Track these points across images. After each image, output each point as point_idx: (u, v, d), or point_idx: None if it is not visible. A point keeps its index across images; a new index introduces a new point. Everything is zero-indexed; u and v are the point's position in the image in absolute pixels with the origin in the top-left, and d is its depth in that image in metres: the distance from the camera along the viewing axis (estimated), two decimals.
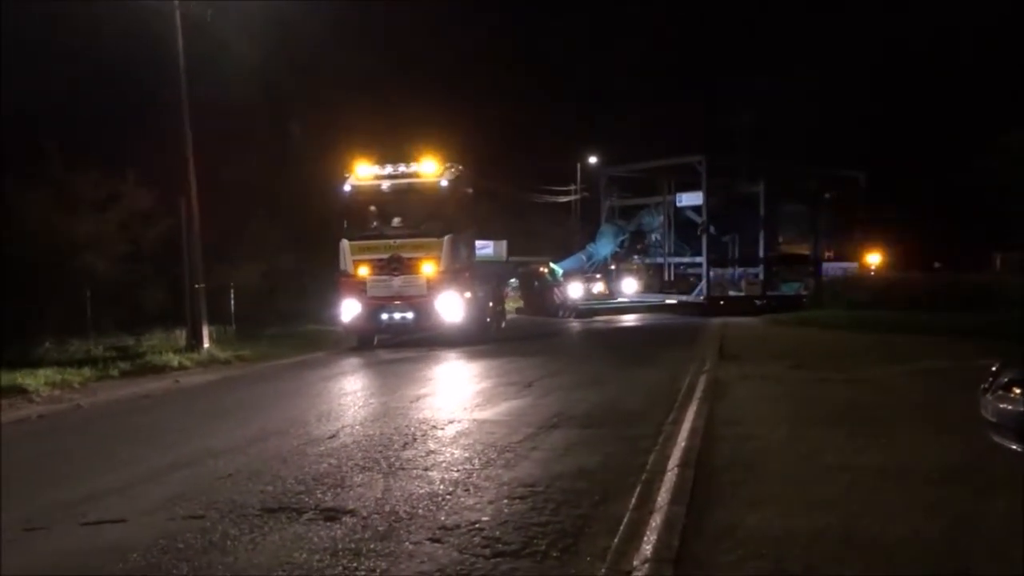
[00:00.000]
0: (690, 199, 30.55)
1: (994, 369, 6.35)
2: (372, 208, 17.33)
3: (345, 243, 17.10)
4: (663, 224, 32.49)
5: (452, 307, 16.81)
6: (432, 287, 16.67)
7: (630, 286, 32.28)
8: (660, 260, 33.03)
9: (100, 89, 18.74)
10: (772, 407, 8.87)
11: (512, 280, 27.09)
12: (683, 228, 32.05)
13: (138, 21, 15.98)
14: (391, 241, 16.86)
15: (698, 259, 29.93)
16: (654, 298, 30.50)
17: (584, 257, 31.77)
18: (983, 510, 5.14)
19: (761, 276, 29.89)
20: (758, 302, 27.89)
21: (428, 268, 16.69)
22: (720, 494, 5.53)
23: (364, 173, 17.25)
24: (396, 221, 17.23)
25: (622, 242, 32.27)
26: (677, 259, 32.49)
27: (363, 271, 16.87)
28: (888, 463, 6.32)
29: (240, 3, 16.56)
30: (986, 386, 6.42)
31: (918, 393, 9.79)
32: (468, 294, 17.48)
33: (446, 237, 16.80)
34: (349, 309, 17.02)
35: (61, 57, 18.09)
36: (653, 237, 32.97)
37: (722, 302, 27.71)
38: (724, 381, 10.81)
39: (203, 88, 16.41)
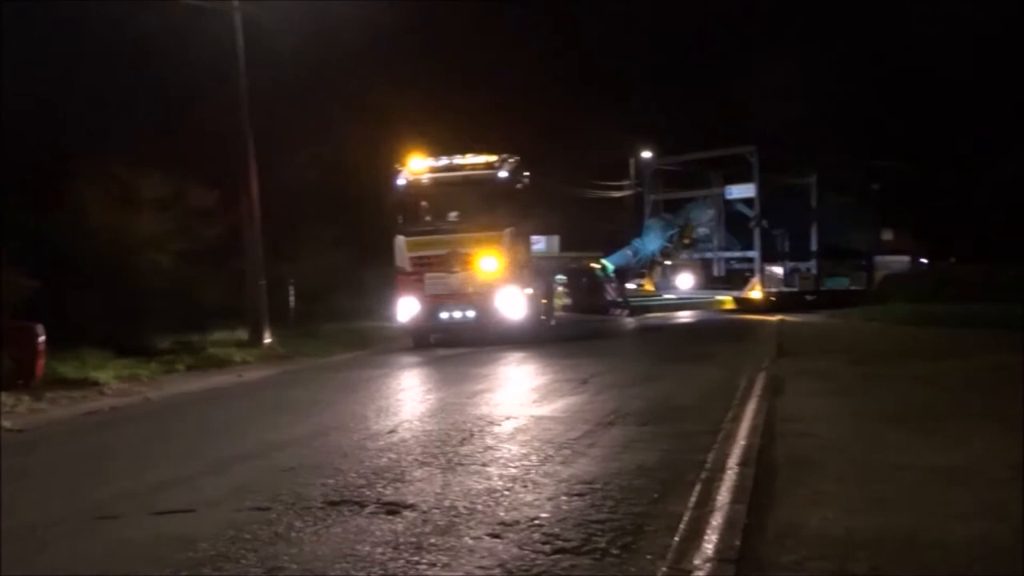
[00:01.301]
0: (741, 191, 29.80)
1: None
2: (427, 203, 16.94)
3: (400, 239, 16.64)
4: (713, 218, 31.79)
5: (513, 304, 16.36)
6: (493, 283, 16.16)
7: (685, 281, 31.42)
8: (709, 255, 32.31)
9: (161, 89, 19.26)
10: (832, 404, 8.73)
11: (559, 276, 25.92)
12: (731, 221, 31.36)
13: (197, 21, 16.37)
14: (449, 236, 16.41)
15: (750, 253, 29.28)
16: (703, 294, 29.75)
17: (630, 253, 31.01)
18: None
19: (813, 271, 29.24)
20: (808, 298, 27.24)
21: (488, 264, 16.21)
22: (781, 493, 5.47)
23: (418, 167, 16.81)
24: (453, 215, 16.82)
25: (671, 237, 31.51)
26: (727, 254, 31.76)
27: (420, 268, 16.39)
28: (954, 462, 6.17)
29: (295, 3, 16.89)
30: None
31: (984, 389, 9.51)
32: (529, 290, 17.09)
33: (507, 231, 16.36)
34: (406, 308, 16.57)
35: (122, 58, 18.60)
36: (701, 231, 32.27)
37: (773, 298, 26.99)
38: (782, 377, 10.66)
39: (259, 87, 16.75)
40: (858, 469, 6.04)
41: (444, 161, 16.87)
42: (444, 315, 16.37)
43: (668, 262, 31.93)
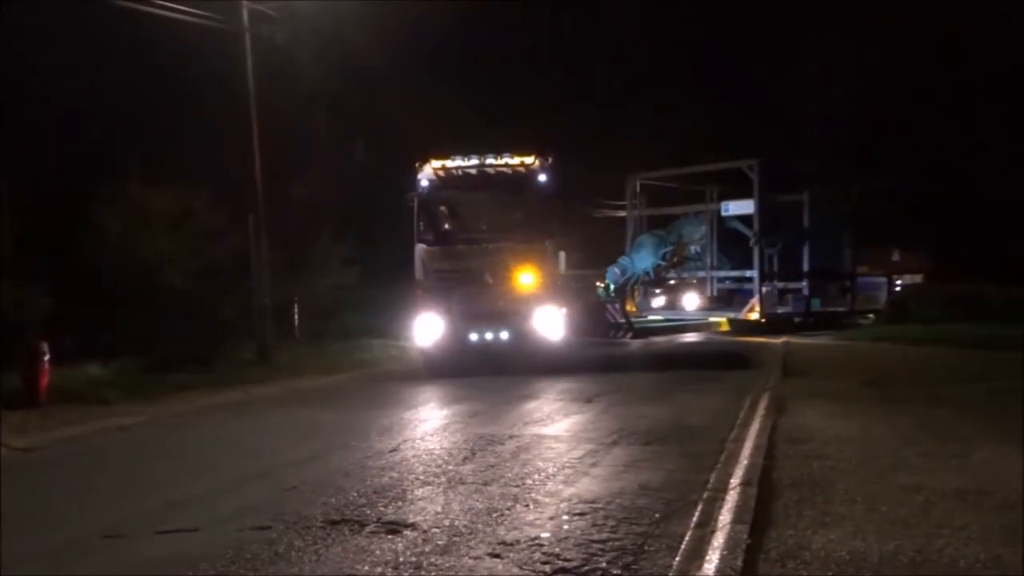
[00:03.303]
0: (738, 207, 28.03)
1: None
2: (452, 208, 14.99)
3: (422, 249, 14.59)
4: (704, 235, 30.13)
5: (552, 324, 14.47)
6: (532, 301, 14.27)
7: (691, 302, 29.99)
8: (701, 274, 30.65)
9: (173, 107, 19.44)
10: (839, 425, 8.65)
11: None
12: (723, 239, 29.87)
13: (211, 41, 16.57)
14: (482, 246, 14.40)
15: (748, 273, 27.71)
16: (697, 315, 28.44)
17: (617, 271, 28.70)
18: None
19: (805, 291, 27.95)
20: (797, 320, 26.21)
21: (526, 279, 14.29)
22: (785, 514, 5.42)
23: (442, 167, 14.73)
24: (483, 223, 14.83)
25: (665, 254, 29.55)
26: (722, 273, 30.27)
27: (446, 282, 14.35)
28: (964, 484, 6.09)
29: (306, 22, 17.08)
30: None
31: (994, 412, 9.42)
32: (565, 309, 15.30)
33: (548, 242, 14.60)
34: (427, 328, 14.44)
35: (133, 75, 18.79)
36: (693, 249, 30.46)
37: (763, 319, 25.59)
38: (788, 398, 10.59)
39: (270, 105, 16.89)
40: (866, 490, 5.97)
41: (473, 161, 14.71)
42: (474, 337, 14.29)
43: (672, 280, 30.86)
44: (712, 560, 4.52)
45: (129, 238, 15.93)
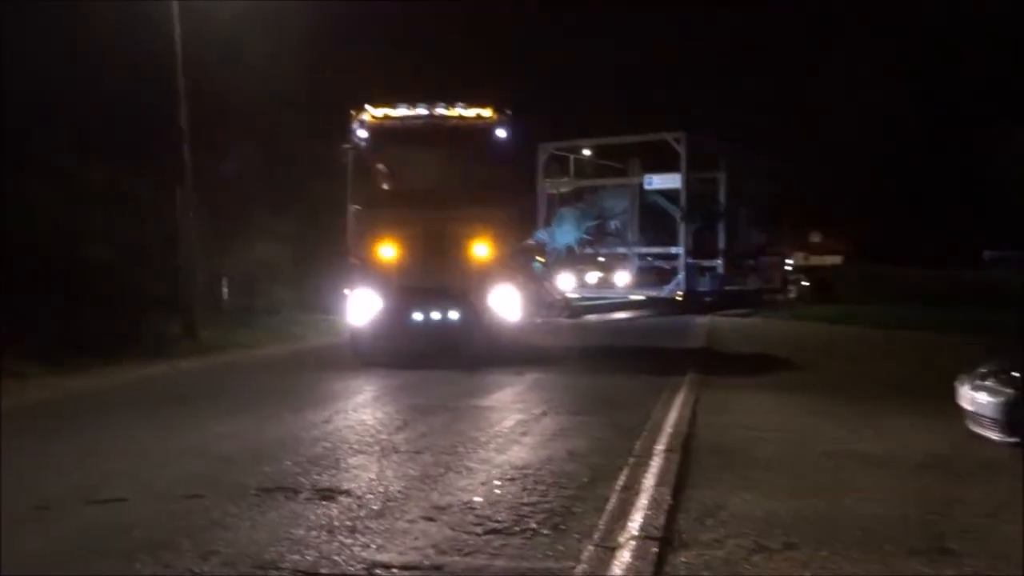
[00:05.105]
0: (663, 181, 27.03)
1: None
2: (394, 165, 13.00)
3: (357, 211, 12.62)
4: (626, 209, 28.65)
5: (510, 304, 12.61)
6: (485, 277, 12.42)
7: (622, 279, 29.02)
8: (623, 250, 29.08)
9: (105, 80, 18.74)
10: (761, 397, 9.06)
11: None
12: (642, 215, 28.60)
13: (141, 11, 16.03)
14: (427, 211, 12.25)
15: (673, 250, 26.96)
16: (617, 293, 27.68)
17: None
18: (960, 495, 5.33)
19: (720, 270, 27.77)
20: (707, 299, 26.17)
21: (481, 250, 12.46)
22: (706, 477, 5.72)
23: (383, 116, 12.68)
24: (430, 183, 12.83)
25: (588, 229, 28.33)
26: (645, 249, 28.82)
27: (385, 252, 12.38)
28: (873, 450, 6.52)
29: None
30: (963, 378, 6.64)
31: (906, 385, 9.99)
32: (521, 288, 13.71)
33: (504, 208, 12.94)
34: (363, 306, 12.36)
35: (61, 48, 18.07)
36: (613, 224, 28.98)
37: (680, 297, 25.51)
38: (713, 372, 11.02)
39: (205, 77, 16.45)
40: (783, 456, 6.35)
41: (421, 110, 12.72)
42: (418, 317, 12.29)
43: (602, 258, 29.56)
44: (636, 519, 4.76)
45: (53, 211, 15.40)
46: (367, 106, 12.65)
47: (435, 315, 12.27)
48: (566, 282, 27.02)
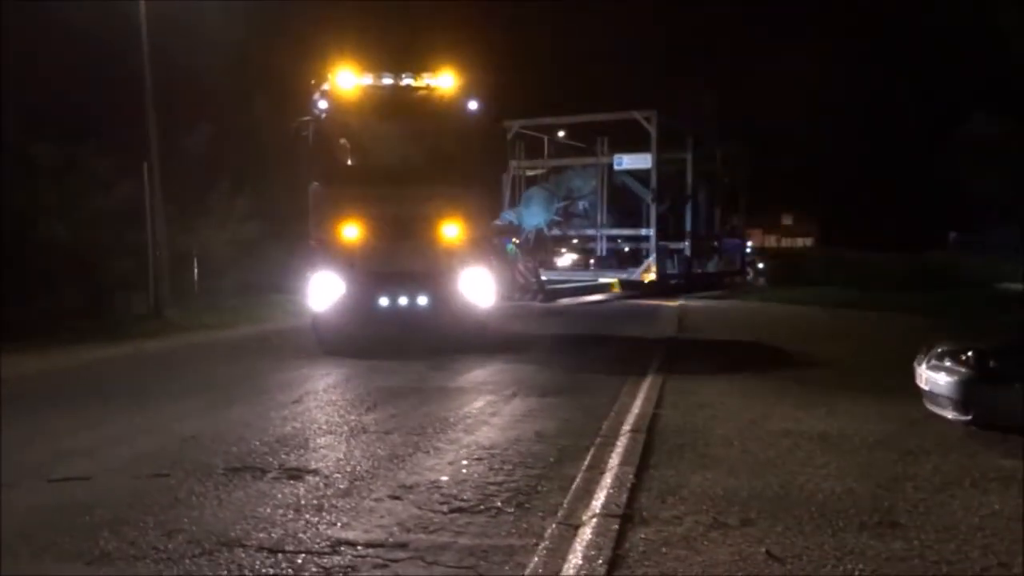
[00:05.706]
0: (633, 161, 26.41)
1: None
2: (359, 139, 12.25)
3: (318, 189, 11.86)
4: (595, 190, 28.19)
5: (481, 288, 11.93)
6: (456, 259, 11.72)
7: (591, 261, 28.60)
8: (591, 232, 28.69)
9: (60, 55, 18.35)
10: (724, 379, 9.20)
11: None
12: (609, 195, 28.11)
13: None
14: (394, 188, 11.49)
15: (644, 232, 26.57)
16: (586, 276, 27.21)
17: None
18: (912, 472, 5.49)
19: (687, 252, 27.56)
20: (673, 282, 26.04)
21: (451, 231, 11.73)
22: (668, 456, 5.83)
23: (348, 85, 11.84)
24: (399, 158, 12.21)
25: (558, 210, 27.70)
26: (614, 231, 28.37)
27: (348, 232, 11.62)
28: (828, 429, 6.68)
29: None
30: (920, 358, 6.81)
31: (864, 367, 10.20)
32: (494, 271, 13.09)
33: (477, 186, 12.14)
34: (324, 290, 11.61)
35: (16, 22, 17.65)
36: (580, 206, 28.64)
37: (653, 281, 25.18)
38: (681, 355, 11.17)
39: (167, 53, 16.19)
40: (743, 436, 6.47)
41: (387, 80, 11.93)
42: (384, 302, 11.59)
43: (575, 240, 29.27)
44: (599, 498, 4.85)
45: (6, 187, 15.12)
46: (335, 77, 11.81)
47: (402, 300, 11.62)
48: (539, 265, 25.92)
